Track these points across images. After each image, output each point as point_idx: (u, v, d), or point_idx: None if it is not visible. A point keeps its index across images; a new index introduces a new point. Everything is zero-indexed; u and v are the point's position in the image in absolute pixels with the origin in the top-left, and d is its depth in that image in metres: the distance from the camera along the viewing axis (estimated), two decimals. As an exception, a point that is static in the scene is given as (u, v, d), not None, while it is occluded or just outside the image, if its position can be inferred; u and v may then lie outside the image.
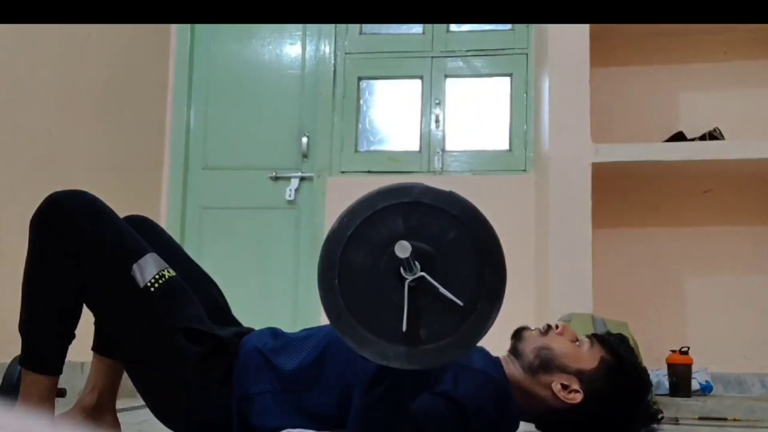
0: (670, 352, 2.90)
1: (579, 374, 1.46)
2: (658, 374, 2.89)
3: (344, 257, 1.15)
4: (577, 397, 1.44)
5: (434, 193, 1.16)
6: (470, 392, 1.37)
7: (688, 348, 2.89)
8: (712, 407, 2.63)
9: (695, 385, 2.90)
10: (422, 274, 1.12)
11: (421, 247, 1.13)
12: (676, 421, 2.52)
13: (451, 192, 1.17)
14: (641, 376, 1.49)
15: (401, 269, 1.12)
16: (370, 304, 1.15)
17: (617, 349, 1.49)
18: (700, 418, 2.56)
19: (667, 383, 2.86)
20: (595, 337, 1.52)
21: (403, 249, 1.09)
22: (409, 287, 1.12)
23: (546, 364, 1.47)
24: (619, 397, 1.45)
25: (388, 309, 1.14)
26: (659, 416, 1.49)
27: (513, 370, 1.48)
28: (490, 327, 1.15)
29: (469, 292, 1.13)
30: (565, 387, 1.45)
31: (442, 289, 1.12)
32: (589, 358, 1.48)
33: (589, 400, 1.44)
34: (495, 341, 1.56)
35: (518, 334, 1.54)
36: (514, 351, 1.52)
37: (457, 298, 1.12)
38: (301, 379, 1.45)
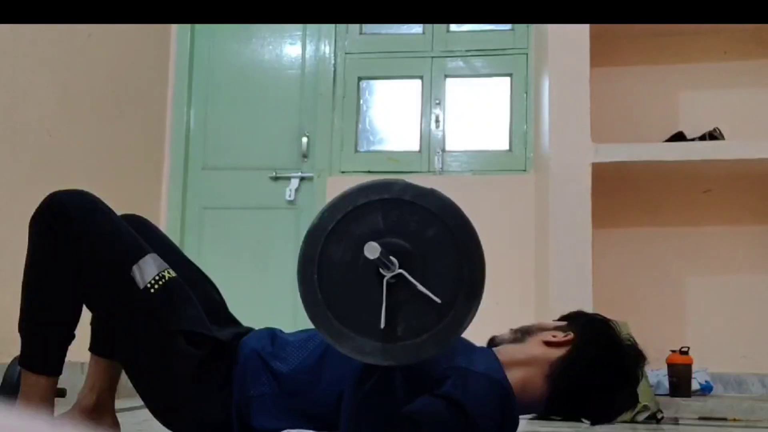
0: (670, 352, 2.90)
1: (559, 328, 1.54)
2: (658, 374, 2.89)
3: (324, 252, 1.16)
4: (570, 336, 1.50)
5: (414, 191, 1.17)
6: (473, 395, 1.37)
7: (688, 348, 2.89)
8: (712, 407, 2.63)
9: (695, 385, 2.90)
10: (400, 271, 1.13)
11: (400, 243, 1.14)
12: (676, 421, 2.52)
13: (432, 190, 1.18)
14: (609, 323, 1.55)
15: (379, 267, 1.13)
16: (348, 299, 1.16)
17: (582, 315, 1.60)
18: (700, 418, 2.56)
19: (667, 383, 2.86)
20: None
21: (372, 250, 1.09)
22: (388, 284, 1.13)
23: (527, 329, 1.56)
24: (603, 338, 1.51)
25: (366, 304, 1.15)
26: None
27: (504, 352, 1.50)
28: (467, 324, 1.16)
29: (447, 290, 1.14)
30: (554, 336, 1.52)
31: (420, 287, 1.13)
32: (560, 323, 1.58)
33: (581, 337, 1.50)
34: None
35: (492, 340, 1.60)
36: (495, 344, 1.58)
37: (436, 295, 1.13)
38: (300, 381, 1.45)
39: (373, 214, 1.15)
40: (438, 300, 1.13)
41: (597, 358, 1.49)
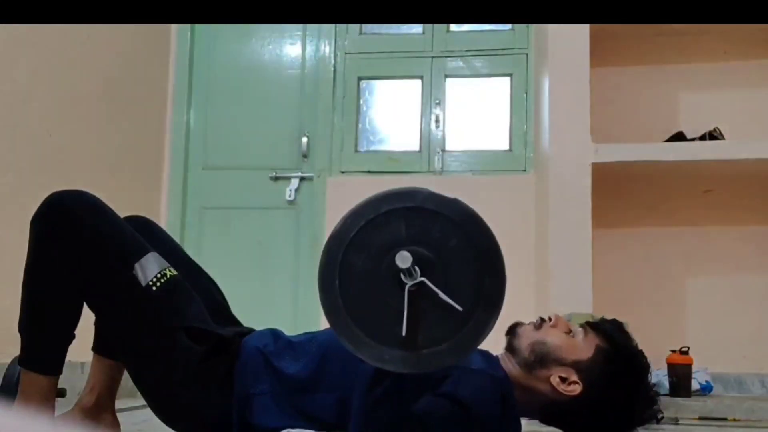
0: (670, 352, 2.90)
1: (575, 365, 1.45)
2: (658, 374, 2.89)
3: (345, 259, 1.16)
4: (576, 389, 1.44)
5: (438, 200, 1.17)
6: (472, 392, 1.38)
7: (688, 348, 2.89)
8: (712, 407, 2.63)
9: (695, 385, 2.90)
10: (422, 279, 1.13)
11: (422, 252, 1.14)
12: (676, 421, 2.52)
13: (456, 199, 1.18)
14: (638, 359, 1.48)
15: (401, 275, 1.13)
16: (369, 306, 1.16)
17: (612, 335, 1.49)
18: (700, 418, 2.56)
19: (667, 383, 2.86)
20: (588, 326, 1.52)
21: (403, 259, 1.10)
22: (409, 292, 1.13)
23: (542, 358, 1.47)
24: (618, 383, 1.45)
25: (386, 312, 1.15)
26: (659, 408, 1.48)
27: (511, 367, 1.48)
28: (487, 333, 1.16)
29: (468, 299, 1.15)
30: (563, 380, 1.44)
31: (441, 295, 1.13)
32: (584, 347, 1.47)
33: (589, 390, 1.44)
34: (496, 341, 1.57)
35: (512, 331, 1.54)
36: (510, 348, 1.52)
37: (456, 304, 1.13)
38: (302, 382, 1.45)
39: (396, 222, 1.15)
40: (459, 308, 1.13)
41: (598, 412, 1.46)
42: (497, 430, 1.42)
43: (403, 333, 1.12)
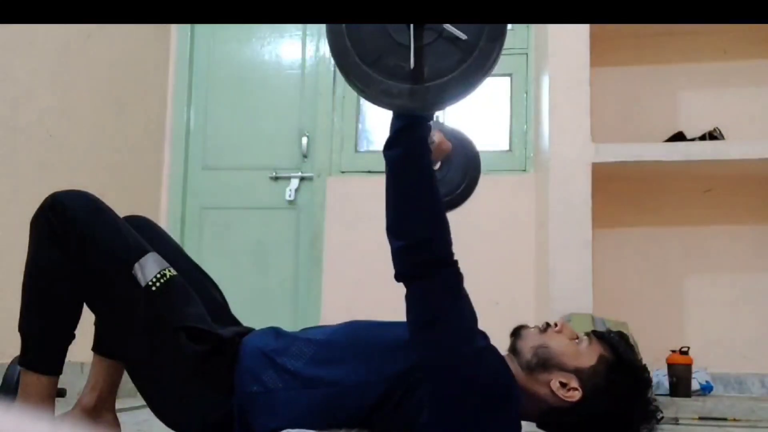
0: (670, 352, 2.90)
1: (577, 372, 1.44)
2: (658, 374, 2.89)
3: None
4: (576, 395, 1.43)
5: None
6: (487, 357, 1.43)
7: (688, 348, 2.89)
8: (712, 407, 2.63)
9: (695, 385, 2.90)
10: None
11: None
12: (676, 421, 2.52)
13: None
14: (640, 372, 1.47)
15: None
16: (375, 44, 1.19)
17: (616, 346, 1.48)
18: (700, 418, 2.56)
19: (667, 383, 2.86)
20: (594, 335, 1.51)
21: None
22: (414, 26, 1.15)
23: (544, 362, 1.46)
24: (618, 394, 1.44)
25: (393, 49, 1.17)
26: (659, 416, 1.48)
27: (513, 368, 1.48)
28: (492, 65, 1.18)
29: (472, 31, 1.17)
30: (563, 385, 1.43)
31: (447, 26, 1.16)
32: (587, 355, 1.46)
33: (588, 398, 1.43)
34: (496, 342, 1.57)
35: (517, 333, 1.53)
36: (513, 349, 1.52)
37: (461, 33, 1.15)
38: (306, 378, 1.45)
39: None
40: (464, 36, 1.15)
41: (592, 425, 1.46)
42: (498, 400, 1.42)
43: (411, 66, 1.13)
